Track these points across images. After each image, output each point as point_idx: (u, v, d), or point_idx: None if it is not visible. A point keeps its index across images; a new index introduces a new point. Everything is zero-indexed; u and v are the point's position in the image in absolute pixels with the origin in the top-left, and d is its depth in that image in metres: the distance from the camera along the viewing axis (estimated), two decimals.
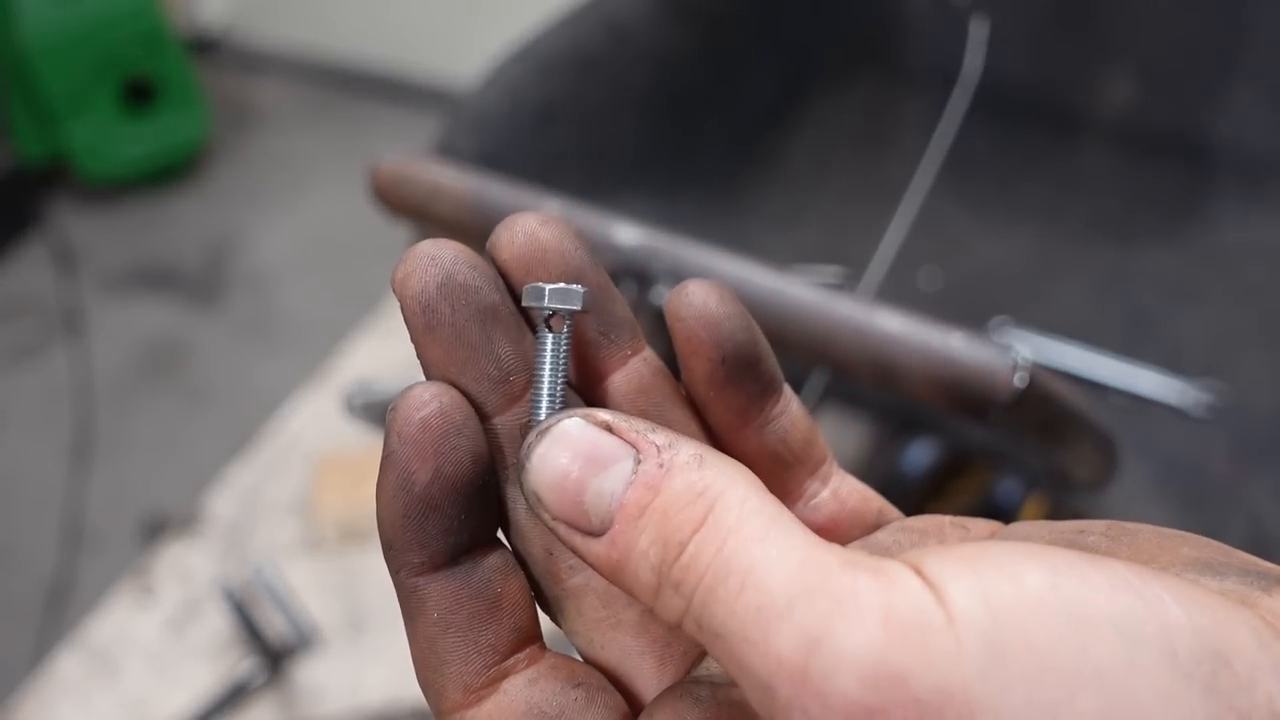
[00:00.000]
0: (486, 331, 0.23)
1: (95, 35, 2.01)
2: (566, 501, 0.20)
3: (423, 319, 0.23)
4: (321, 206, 2.08)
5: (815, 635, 0.17)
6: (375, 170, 0.43)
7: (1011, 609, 0.17)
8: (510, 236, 0.24)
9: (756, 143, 0.87)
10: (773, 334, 0.37)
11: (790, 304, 0.36)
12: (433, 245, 0.23)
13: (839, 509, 0.27)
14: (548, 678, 0.23)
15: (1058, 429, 0.39)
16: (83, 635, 1.32)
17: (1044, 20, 0.86)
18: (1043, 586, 0.17)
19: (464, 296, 0.23)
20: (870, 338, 0.35)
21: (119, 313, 1.88)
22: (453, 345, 0.23)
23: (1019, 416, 0.36)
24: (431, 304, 0.23)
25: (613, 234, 0.39)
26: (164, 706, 1.25)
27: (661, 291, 0.37)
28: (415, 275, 0.23)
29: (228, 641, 1.30)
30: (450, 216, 0.41)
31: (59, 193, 2.14)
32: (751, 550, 0.18)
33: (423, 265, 0.23)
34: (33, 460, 1.63)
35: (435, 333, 0.23)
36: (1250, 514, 0.60)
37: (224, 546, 1.41)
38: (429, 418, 0.22)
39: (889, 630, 0.17)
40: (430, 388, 0.22)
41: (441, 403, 0.22)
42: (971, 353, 0.34)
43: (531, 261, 0.24)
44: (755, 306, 0.36)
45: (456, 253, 0.23)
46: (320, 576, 1.37)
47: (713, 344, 0.25)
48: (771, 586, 0.17)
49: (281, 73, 2.47)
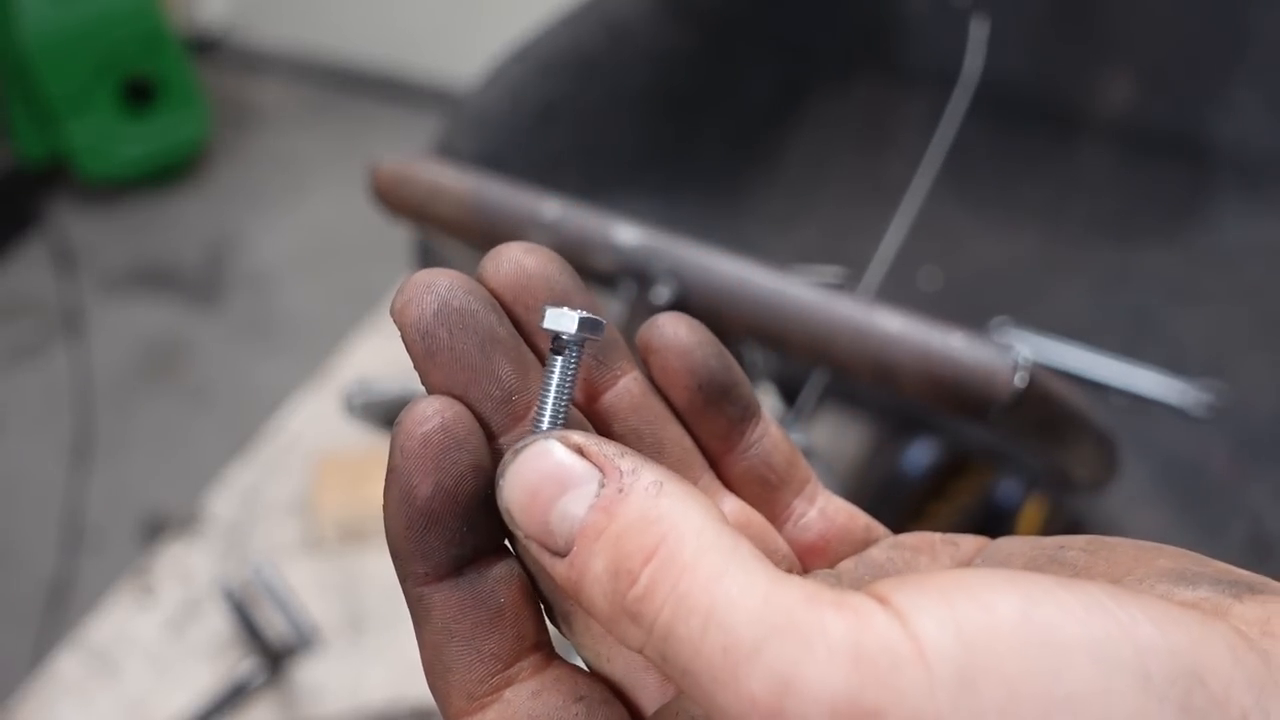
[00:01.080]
0: (486, 353, 0.24)
1: (95, 35, 2.01)
2: (535, 520, 0.21)
3: (422, 345, 0.23)
4: (321, 206, 2.08)
5: (786, 677, 0.17)
6: (375, 170, 0.43)
7: (984, 638, 0.17)
8: (496, 266, 0.25)
9: (756, 143, 0.87)
10: (773, 334, 0.36)
11: (790, 304, 0.36)
12: (428, 274, 0.24)
13: (828, 526, 0.27)
14: (551, 690, 0.23)
15: (1058, 429, 0.39)
16: (82, 635, 1.32)
17: (1044, 20, 0.86)
18: (1015, 615, 0.17)
19: (461, 321, 0.23)
20: (870, 338, 0.35)
21: (119, 313, 1.88)
22: (453, 369, 0.24)
23: (1019, 417, 0.36)
24: (429, 330, 0.23)
25: (613, 234, 0.39)
26: (164, 706, 1.25)
27: (662, 291, 0.37)
28: (412, 304, 0.23)
29: (228, 642, 1.30)
30: (450, 216, 0.41)
31: (59, 193, 2.14)
32: (711, 588, 0.18)
33: (419, 293, 0.23)
34: (33, 460, 1.63)
35: (435, 358, 0.24)
36: (1251, 513, 0.60)
37: (224, 546, 1.41)
38: (430, 433, 0.23)
39: (860, 668, 0.17)
40: (434, 402, 0.23)
41: (444, 418, 0.23)
42: (972, 353, 0.34)
43: (518, 289, 0.25)
44: (755, 306, 0.36)
45: (452, 280, 0.24)
46: (320, 576, 1.37)
47: (687, 372, 0.26)
48: (736, 627, 0.17)
49: (282, 73, 2.47)
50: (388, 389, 0.47)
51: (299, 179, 2.15)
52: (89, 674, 1.29)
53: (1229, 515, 0.61)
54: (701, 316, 0.38)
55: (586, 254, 0.38)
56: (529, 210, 0.39)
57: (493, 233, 0.40)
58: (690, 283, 0.37)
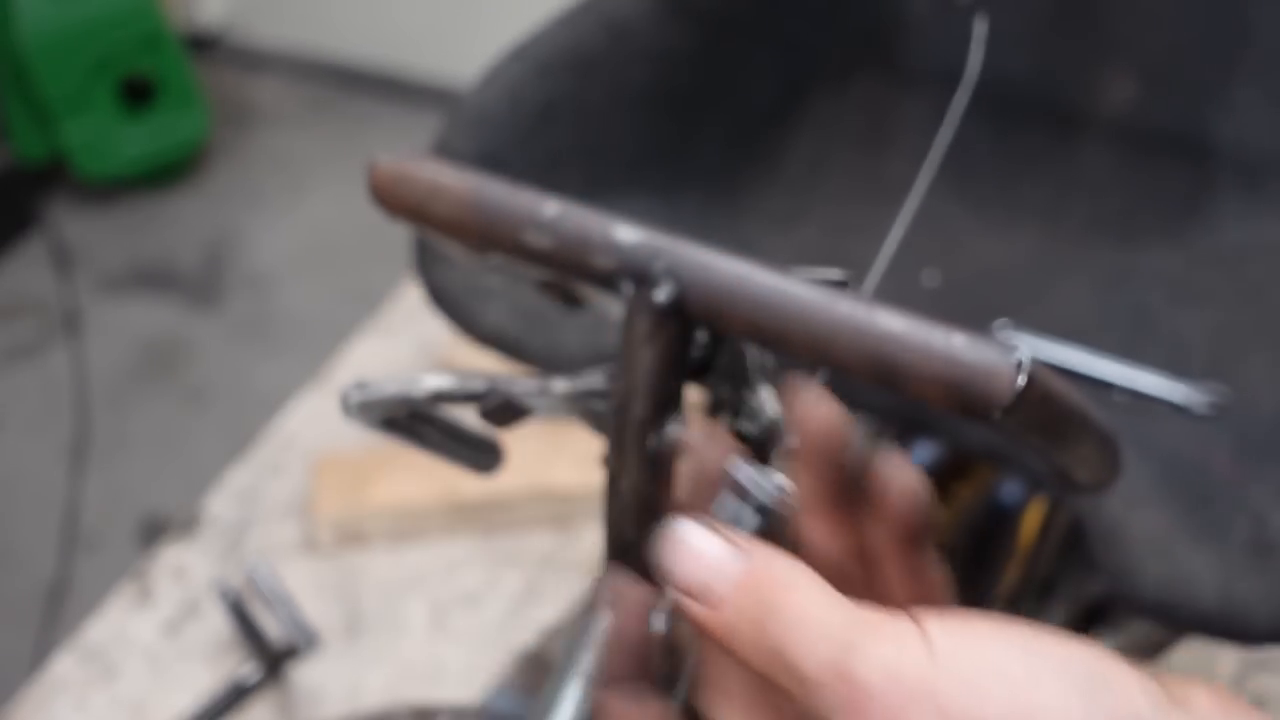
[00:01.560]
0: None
1: (93, 34, 2.00)
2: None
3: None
4: (321, 206, 2.07)
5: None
6: (373, 169, 0.43)
7: (966, 637, 0.27)
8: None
9: (757, 142, 0.87)
10: (773, 334, 0.36)
11: (790, 304, 0.36)
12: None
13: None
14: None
15: (1060, 429, 0.39)
16: (80, 637, 1.32)
17: (1045, 19, 0.86)
18: (992, 628, 0.28)
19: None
20: (871, 338, 0.35)
21: (117, 313, 1.88)
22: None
23: (1021, 417, 0.36)
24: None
25: (612, 234, 0.38)
26: (162, 708, 1.25)
27: (662, 291, 0.37)
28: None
29: (226, 643, 1.30)
30: (449, 216, 0.41)
31: (57, 192, 2.13)
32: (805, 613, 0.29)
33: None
34: (30, 461, 1.63)
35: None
36: (1254, 515, 0.60)
37: (222, 547, 1.41)
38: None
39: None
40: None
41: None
42: (973, 353, 0.34)
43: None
44: (755, 306, 0.36)
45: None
46: (319, 578, 1.37)
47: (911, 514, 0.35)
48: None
49: (281, 72, 2.47)
50: (386, 389, 0.46)
51: (298, 178, 2.15)
52: (87, 676, 1.28)
53: (1231, 516, 0.60)
54: (702, 316, 0.37)
55: (586, 254, 0.38)
56: (528, 210, 0.39)
57: (492, 232, 0.40)
58: (690, 283, 0.37)
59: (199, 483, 1.51)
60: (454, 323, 0.76)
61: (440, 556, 1.39)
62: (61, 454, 1.59)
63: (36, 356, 1.78)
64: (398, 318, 1.70)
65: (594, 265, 0.38)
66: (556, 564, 1.38)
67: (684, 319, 0.38)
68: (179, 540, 1.42)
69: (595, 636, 0.34)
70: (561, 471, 1.40)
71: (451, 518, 1.40)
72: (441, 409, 0.48)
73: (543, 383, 0.45)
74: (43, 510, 1.52)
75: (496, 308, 0.73)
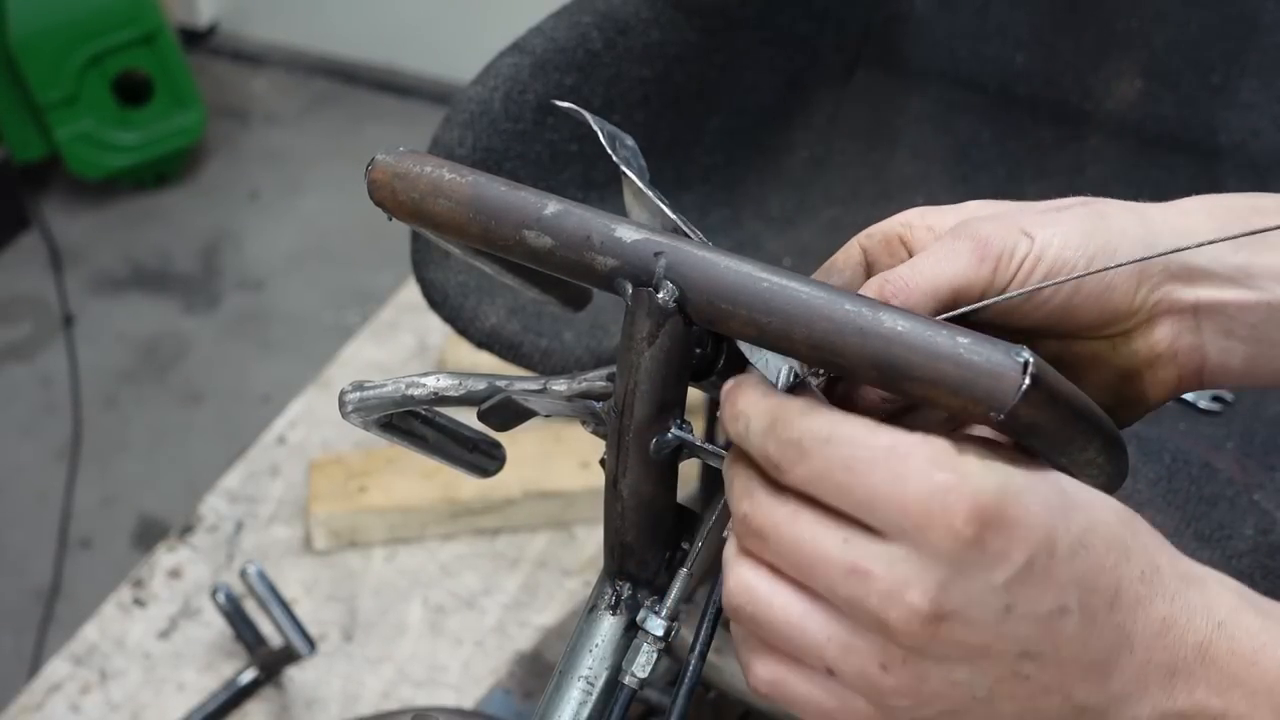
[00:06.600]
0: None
1: (88, 31, 1.99)
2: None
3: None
4: (318, 204, 2.06)
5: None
6: (371, 168, 0.42)
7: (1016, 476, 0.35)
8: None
9: (757, 140, 0.86)
10: (774, 334, 0.36)
11: (792, 304, 0.36)
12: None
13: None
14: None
15: (1067, 431, 0.38)
16: (77, 641, 1.31)
17: (1050, 16, 0.86)
18: (1037, 471, 0.36)
19: None
20: (875, 338, 0.35)
21: (113, 313, 1.87)
22: None
23: (1027, 419, 0.35)
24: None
25: (613, 234, 0.38)
26: (158, 711, 1.24)
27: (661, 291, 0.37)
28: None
29: (223, 646, 1.29)
30: (447, 214, 0.40)
31: (52, 191, 2.12)
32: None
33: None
34: (26, 463, 1.62)
35: None
36: (1261, 513, 0.59)
37: (219, 550, 1.40)
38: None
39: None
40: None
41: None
42: (979, 354, 0.34)
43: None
44: (756, 306, 0.36)
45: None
46: (316, 580, 1.36)
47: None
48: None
49: (278, 68, 2.46)
50: (383, 390, 0.46)
51: (295, 177, 2.14)
52: (83, 680, 1.28)
53: (1239, 516, 0.60)
54: (703, 317, 0.37)
55: (586, 254, 0.37)
56: (528, 209, 0.38)
57: (492, 231, 0.39)
58: (690, 283, 0.37)
59: (195, 484, 1.50)
60: (452, 323, 0.75)
61: (438, 558, 1.38)
62: (57, 457, 1.58)
63: (31, 357, 1.78)
64: (396, 317, 1.70)
65: (594, 265, 0.38)
66: (555, 566, 1.37)
67: (685, 320, 0.38)
68: (175, 543, 1.41)
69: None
70: (561, 472, 1.39)
71: (449, 519, 1.40)
72: (440, 410, 0.47)
73: (543, 383, 0.44)
74: (38, 514, 1.51)
75: (495, 308, 0.73)
